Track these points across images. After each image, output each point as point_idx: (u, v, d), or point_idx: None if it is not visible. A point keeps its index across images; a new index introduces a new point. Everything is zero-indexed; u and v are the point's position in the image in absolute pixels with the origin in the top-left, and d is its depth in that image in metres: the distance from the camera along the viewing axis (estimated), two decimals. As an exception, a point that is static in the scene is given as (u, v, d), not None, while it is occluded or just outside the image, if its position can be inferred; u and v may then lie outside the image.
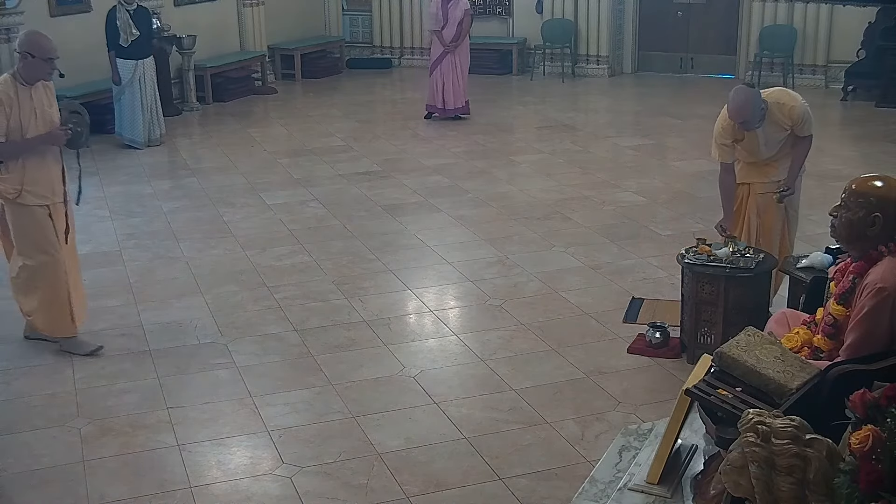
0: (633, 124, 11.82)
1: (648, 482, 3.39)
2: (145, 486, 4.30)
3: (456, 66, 11.49)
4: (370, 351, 5.60)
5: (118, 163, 9.93)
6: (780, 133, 5.50)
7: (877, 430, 2.52)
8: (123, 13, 10.16)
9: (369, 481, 4.31)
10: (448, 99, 11.59)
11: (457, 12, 11.34)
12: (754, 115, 5.35)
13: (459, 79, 11.53)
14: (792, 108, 5.44)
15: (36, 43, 5.27)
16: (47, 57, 5.28)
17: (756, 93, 5.40)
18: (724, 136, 5.52)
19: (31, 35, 5.35)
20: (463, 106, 11.68)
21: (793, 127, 5.48)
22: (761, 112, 5.37)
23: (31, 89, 5.32)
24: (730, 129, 5.49)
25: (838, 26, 13.03)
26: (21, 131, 5.28)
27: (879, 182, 3.57)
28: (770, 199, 5.64)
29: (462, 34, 11.43)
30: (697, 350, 5.15)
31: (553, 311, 6.09)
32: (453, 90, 11.56)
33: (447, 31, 11.42)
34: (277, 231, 7.75)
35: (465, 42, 11.56)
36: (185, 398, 5.09)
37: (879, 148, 10.16)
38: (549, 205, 8.29)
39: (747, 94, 5.36)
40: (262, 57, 13.91)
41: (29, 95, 5.31)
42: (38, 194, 5.39)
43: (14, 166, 5.33)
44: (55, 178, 5.47)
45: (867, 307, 3.46)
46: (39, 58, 5.25)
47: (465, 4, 11.40)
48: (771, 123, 5.44)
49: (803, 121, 5.48)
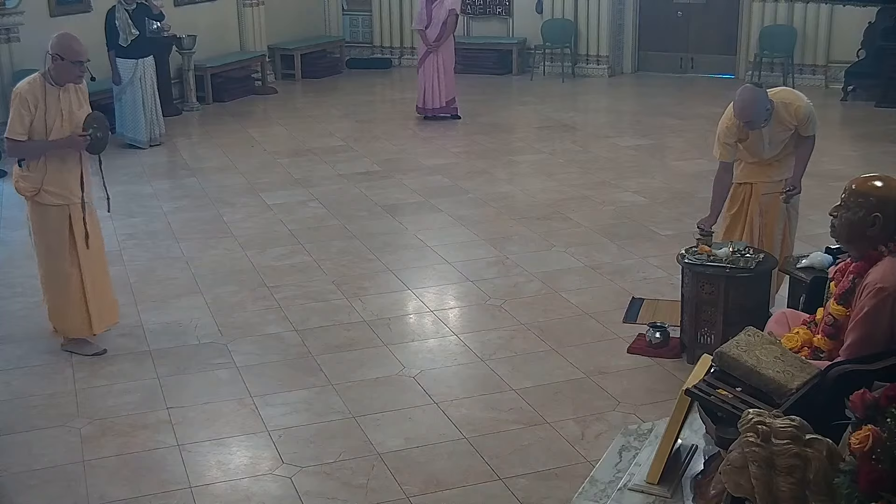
0: (633, 124, 11.82)
1: (648, 482, 3.39)
2: (145, 486, 4.30)
3: (438, 67, 11.43)
4: (370, 351, 5.60)
5: (118, 163, 9.91)
6: (784, 133, 5.50)
7: (877, 430, 2.52)
8: (123, 13, 10.16)
9: (369, 481, 4.31)
10: (429, 98, 11.56)
11: (441, 12, 11.27)
12: (759, 115, 5.34)
13: (441, 79, 11.45)
14: (798, 107, 5.44)
15: (66, 45, 5.29)
16: (76, 60, 5.29)
17: (763, 93, 5.40)
18: (728, 135, 5.51)
19: (62, 37, 5.36)
20: (444, 106, 11.57)
21: (797, 126, 5.48)
22: (767, 112, 5.36)
23: (60, 91, 5.36)
24: (734, 128, 5.48)
25: (838, 26, 13.03)
26: (46, 132, 5.32)
27: (879, 182, 3.57)
28: (773, 199, 5.64)
29: (446, 34, 11.36)
30: (697, 350, 5.15)
31: (553, 311, 6.09)
32: (433, 90, 11.51)
33: (430, 31, 11.38)
34: (277, 231, 7.75)
35: (450, 42, 11.49)
36: (185, 398, 5.09)
37: (879, 148, 10.16)
38: (549, 205, 8.29)
39: (754, 93, 5.35)
40: (262, 57, 13.90)
41: (57, 97, 5.34)
42: (55, 194, 5.42)
43: (35, 166, 5.38)
44: (73, 180, 5.47)
45: (867, 307, 3.46)
46: (69, 60, 5.28)
47: (451, 4, 11.31)
48: (776, 123, 5.44)
49: (809, 120, 5.47)
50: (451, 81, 11.62)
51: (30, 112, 5.26)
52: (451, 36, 11.50)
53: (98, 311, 5.64)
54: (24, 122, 5.25)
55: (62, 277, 5.53)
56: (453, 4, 11.41)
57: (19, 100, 5.25)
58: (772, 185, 5.65)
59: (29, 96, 5.26)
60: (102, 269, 5.77)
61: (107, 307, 5.76)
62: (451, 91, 11.66)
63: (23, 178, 5.40)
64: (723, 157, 5.58)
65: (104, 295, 5.74)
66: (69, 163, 5.44)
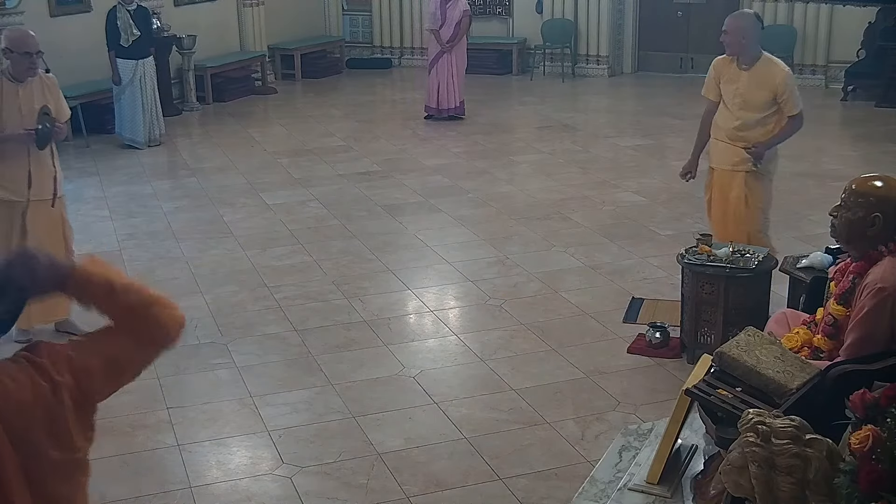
0: (633, 124, 11.82)
1: (648, 482, 3.38)
2: (145, 486, 4.30)
3: (452, 67, 11.45)
4: (370, 351, 5.60)
5: (118, 163, 9.93)
6: (761, 91, 5.63)
7: (877, 430, 2.52)
8: (123, 13, 10.16)
9: (369, 481, 4.31)
10: (443, 99, 11.57)
11: (455, 13, 11.31)
12: (751, 35, 5.59)
13: (455, 79, 11.49)
14: (780, 69, 5.67)
15: (13, 38, 5.43)
16: (23, 51, 5.39)
17: (748, 15, 5.70)
18: (715, 69, 5.85)
19: (10, 31, 5.54)
20: (457, 106, 11.63)
21: (777, 96, 5.62)
22: (757, 44, 5.61)
23: (20, 87, 5.43)
24: (721, 63, 5.80)
25: (838, 26, 13.03)
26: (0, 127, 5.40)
27: (879, 182, 3.57)
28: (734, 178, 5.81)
29: (459, 35, 11.39)
30: (697, 350, 5.15)
31: (553, 311, 6.08)
32: (447, 91, 11.53)
33: (444, 32, 11.38)
34: (277, 231, 7.75)
35: (463, 43, 11.53)
36: (185, 398, 5.09)
37: (879, 148, 10.15)
38: (549, 205, 8.28)
39: (742, 12, 5.72)
40: (262, 57, 13.90)
41: (16, 92, 5.43)
42: (3, 187, 5.51)
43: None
44: (21, 176, 5.51)
45: (867, 307, 3.45)
46: (17, 52, 5.39)
47: (464, 5, 11.36)
48: (756, 76, 5.62)
49: (788, 90, 5.61)
50: (462, 82, 11.65)
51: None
52: (464, 37, 11.53)
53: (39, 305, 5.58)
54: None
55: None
56: (466, 5, 11.44)
57: None
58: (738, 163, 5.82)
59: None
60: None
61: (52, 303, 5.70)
62: (462, 92, 11.70)
63: None
64: (706, 93, 5.93)
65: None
66: (18, 159, 5.48)
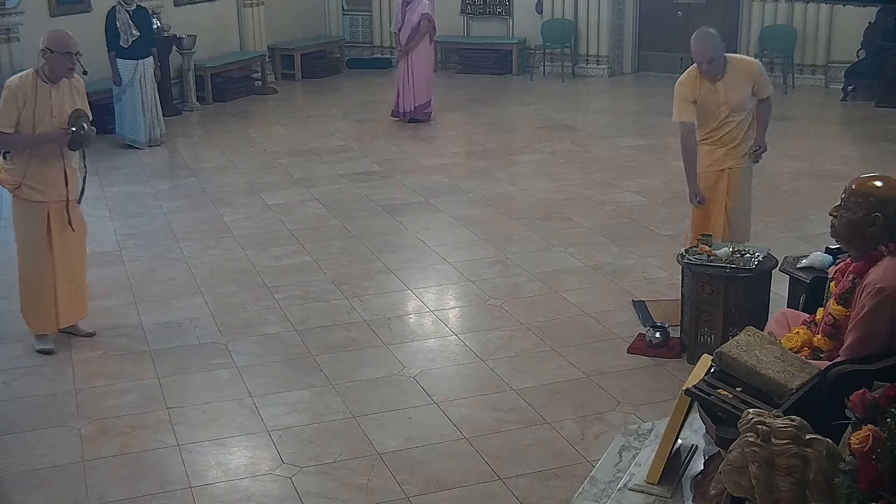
0: (633, 124, 11.82)
1: (648, 482, 3.38)
2: (145, 486, 4.30)
3: (409, 70, 11.35)
4: (370, 351, 5.60)
5: (118, 163, 9.93)
6: (741, 89, 5.68)
7: (877, 430, 2.52)
8: (123, 13, 10.16)
9: (369, 481, 4.31)
10: (400, 101, 11.50)
11: (413, 16, 11.22)
12: (718, 53, 5.60)
13: (411, 83, 11.36)
14: (750, 62, 5.86)
15: (55, 38, 5.36)
16: (65, 51, 5.35)
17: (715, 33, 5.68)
18: (686, 91, 5.72)
19: (51, 32, 5.45)
20: (413, 110, 11.43)
21: (755, 83, 5.70)
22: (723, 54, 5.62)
23: (53, 88, 5.41)
24: (689, 83, 5.72)
25: (838, 26, 13.02)
26: (33, 127, 5.38)
27: (879, 182, 3.57)
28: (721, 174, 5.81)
29: (417, 38, 11.28)
30: (697, 350, 5.15)
31: (553, 311, 6.08)
32: (403, 94, 11.44)
33: (403, 34, 11.35)
34: (277, 231, 7.75)
35: (423, 46, 11.39)
36: (185, 398, 5.09)
37: (879, 148, 10.15)
38: (549, 205, 8.28)
39: (707, 32, 5.64)
40: (262, 57, 13.90)
41: (48, 93, 5.40)
42: (36, 190, 5.48)
43: (19, 159, 5.46)
44: (55, 177, 5.52)
45: (867, 307, 3.46)
46: (58, 52, 5.34)
47: (425, 8, 11.23)
48: (732, 76, 5.66)
49: (763, 75, 5.76)
50: (423, 86, 11.46)
51: (17, 107, 5.32)
52: (424, 40, 11.39)
53: (66, 308, 5.69)
54: (10, 116, 5.33)
55: (36, 273, 5.59)
56: (427, 9, 11.30)
57: (9, 93, 5.34)
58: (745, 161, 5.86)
59: (18, 91, 5.33)
60: (80, 264, 5.80)
61: (78, 303, 5.79)
62: (424, 95, 11.49)
63: (6, 170, 5.49)
64: (681, 117, 5.77)
65: (77, 292, 5.76)
66: (52, 159, 5.49)
